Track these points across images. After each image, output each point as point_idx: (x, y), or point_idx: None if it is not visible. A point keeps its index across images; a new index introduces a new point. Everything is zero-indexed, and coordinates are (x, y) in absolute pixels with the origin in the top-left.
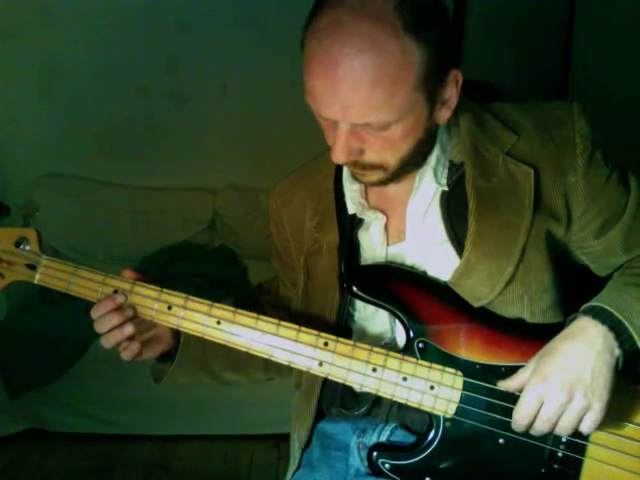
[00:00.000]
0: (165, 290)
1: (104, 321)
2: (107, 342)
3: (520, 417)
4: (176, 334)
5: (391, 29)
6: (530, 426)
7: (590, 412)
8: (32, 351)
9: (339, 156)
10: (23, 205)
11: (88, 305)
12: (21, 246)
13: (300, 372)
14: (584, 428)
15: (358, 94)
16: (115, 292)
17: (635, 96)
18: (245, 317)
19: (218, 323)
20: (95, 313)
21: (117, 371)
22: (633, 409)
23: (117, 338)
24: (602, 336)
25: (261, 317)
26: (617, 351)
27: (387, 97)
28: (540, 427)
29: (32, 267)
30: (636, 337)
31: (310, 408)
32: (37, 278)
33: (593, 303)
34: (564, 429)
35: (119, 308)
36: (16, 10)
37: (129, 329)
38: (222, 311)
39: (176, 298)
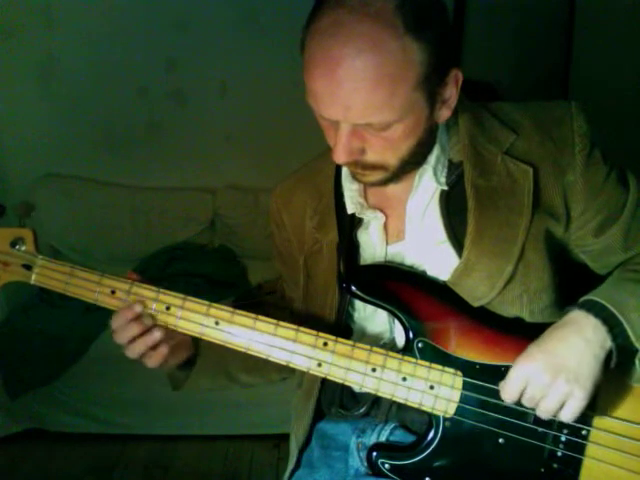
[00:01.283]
0: (163, 290)
1: (124, 331)
2: (132, 352)
3: (506, 395)
4: (196, 340)
5: (392, 29)
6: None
7: (571, 399)
8: (32, 351)
9: (340, 156)
10: (19, 205)
11: (88, 306)
12: (17, 246)
13: (303, 372)
14: (563, 416)
15: (359, 94)
16: (135, 299)
17: (635, 96)
18: (243, 317)
19: (216, 323)
20: (114, 323)
21: (117, 371)
22: (632, 408)
23: (142, 347)
24: (592, 327)
25: (259, 317)
26: (609, 344)
27: (388, 97)
28: (525, 404)
29: (28, 267)
30: (630, 331)
31: (308, 408)
32: (33, 278)
33: (588, 297)
34: (544, 411)
35: (138, 317)
36: (16, 10)
37: (157, 334)
38: (220, 311)
39: (174, 298)
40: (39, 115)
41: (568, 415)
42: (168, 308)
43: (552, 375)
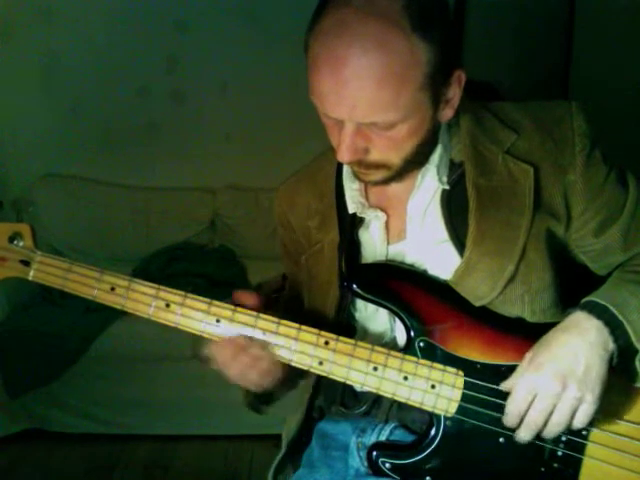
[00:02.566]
0: (163, 288)
1: (233, 364)
2: (243, 382)
3: (513, 407)
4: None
5: (398, 29)
6: (522, 418)
7: (583, 404)
8: (32, 351)
9: (344, 155)
10: (16, 200)
11: (88, 305)
12: (15, 241)
13: None
14: (577, 422)
15: (365, 94)
16: (218, 321)
17: (635, 96)
18: (245, 315)
19: (217, 321)
20: (220, 357)
21: (117, 371)
22: (632, 408)
23: (254, 374)
24: (596, 329)
25: (261, 315)
26: (611, 346)
27: (394, 97)
28: (533, 419)
29: (26, 263)
30: (631, 333)
31: (303, 401)
32: (31, 274)
33: (590, 298)
34: (556, 423)
35: (244, 349)
36: (16, 10)
37: (264, 364)
38: (221, 309)
39: (174, 296)
40: (39, 115)
41: (581, 420)
42: (168, 305)
43: (562, 382)
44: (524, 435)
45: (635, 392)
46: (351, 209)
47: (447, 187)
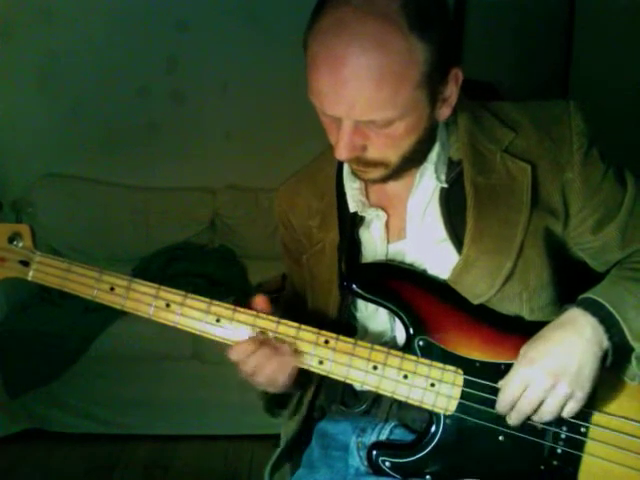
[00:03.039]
0: (163, 287)
1: (249, 362)
2: (260, 378)
3: (505, 397)
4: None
5: (397, 28)
6: (513, 407)
7: (571, 400)
8: (32, 351)
9: (342, 152)
10: (16, 201)
11: (87, 305)
12: (14, 242)
13: None
14: (563, 414)
15: (364, 93)
16: (218, 320)
17: (635, 96)
18: (245, 315)
19: (217, 321)
20: (235, 356)
21: (117, 371)
22: (631, 406)
23: (270, 370)
24: (591, 327)
25: (260, 315)
26: (606, 343)
27: (392, 95)
28: (523, 408)
29: (25, 263)
30: (626, 331)
31: (303, 401)
32: (31, 275)
33: (586, 295)
34: (545, 414)
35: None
36: (16, 10)
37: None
38: (221, 309)
39: (174, 295)
40: (39, 115)
41: (566, 415)
42: (168, 305)
43: (554, 378)
44: (514, 419)
45: (633, 389)
46: (352, 208)
47: (445, 185)
